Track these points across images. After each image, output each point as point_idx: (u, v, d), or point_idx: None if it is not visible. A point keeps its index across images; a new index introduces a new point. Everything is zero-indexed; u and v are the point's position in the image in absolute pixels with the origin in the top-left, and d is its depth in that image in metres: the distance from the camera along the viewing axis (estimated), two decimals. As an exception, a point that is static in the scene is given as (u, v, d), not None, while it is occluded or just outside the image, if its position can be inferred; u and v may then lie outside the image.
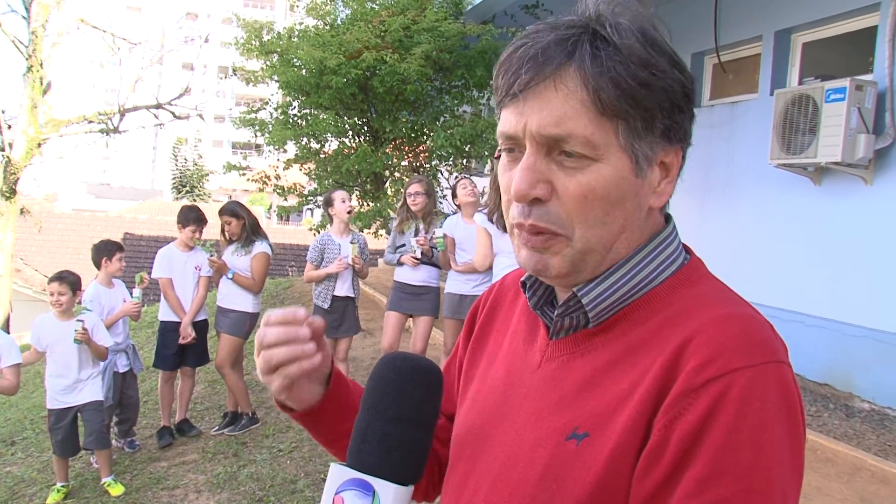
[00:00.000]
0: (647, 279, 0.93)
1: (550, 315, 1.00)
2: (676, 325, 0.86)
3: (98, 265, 5.67)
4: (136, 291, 5.74)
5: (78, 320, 5.04)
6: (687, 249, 1.00)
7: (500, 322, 1.15)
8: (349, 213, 6.03)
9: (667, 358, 0.83)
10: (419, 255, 5.84)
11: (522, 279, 1.05)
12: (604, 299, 0.92)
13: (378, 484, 0.83)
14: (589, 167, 0.87)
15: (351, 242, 5.91)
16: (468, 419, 1.06)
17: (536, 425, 0.93)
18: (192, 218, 5.97)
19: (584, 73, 0.85)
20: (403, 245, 6.01)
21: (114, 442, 5.70)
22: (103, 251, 5.67)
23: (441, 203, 9.61)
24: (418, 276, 5.92)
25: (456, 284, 5.79)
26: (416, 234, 5.92)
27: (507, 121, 0.91)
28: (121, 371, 5.64)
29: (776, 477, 0.77)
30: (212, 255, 5.83)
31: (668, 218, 0.99)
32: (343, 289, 5.93)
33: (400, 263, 5.97)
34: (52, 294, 5.09)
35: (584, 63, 0.85)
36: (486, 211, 5.31)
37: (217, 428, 5.92)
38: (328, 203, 6.06)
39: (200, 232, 6.03)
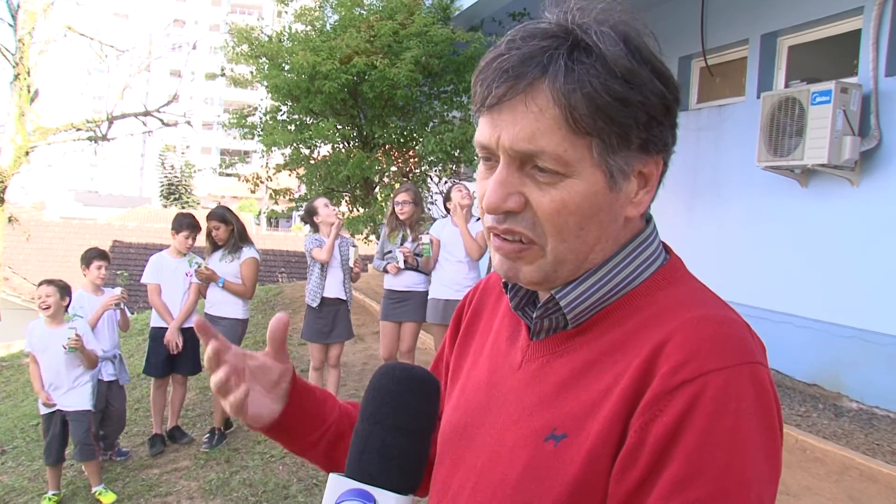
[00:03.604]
0: (625, 281, 0.93)
1: (532, 316, 1.00)
2: (653, 326, 0.86)
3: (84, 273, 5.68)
4: (117, 290, 5.72)
5: (70, 328, 5.02)
6: (667, 249, 1.00)
7: (484, 321, 1.15)
8: (338, 217, 6.03)
9: (643, 360, 0.83)
10: (401, 265, 5.94)
11: (504, 280, 1.04)
12: (581, 301, 0.93)
13: (379, 494, 0.82)
14: (561, 182, 0.87)
15: (341, 246, 5.94)
16: (453, 418, 1.07)
17: (516, 426, 0.93)
18: (185, 224, 5.94)
19: (556, 90, 0.83)
20: (391, 251, 6.06)
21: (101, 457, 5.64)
22: (82, 260, 5.68)
23: (430, 209, 9.63)
24: (403, 281, 6.05)
25: (439, 289, 5.83)
26: (402, 242, 5.99)
27: (482, 131, 0.91)
28: (106, 379, 5.57)
29: (751, 478, 0.77)
30: (198, 267, 5.80)
31: (647, 219, 0.99)
32: (333, 290, 5.92)
33: (386, 271, 6.05)
34: (39, 297, 5.09)
35: (557, 79, 0.83)
36: (477, 220, 5.37)
37: (205, 445, 5.86)
38: (312, 213, 6.04)
39: (194, 238, 6.00)
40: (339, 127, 9.56)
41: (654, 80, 0.87)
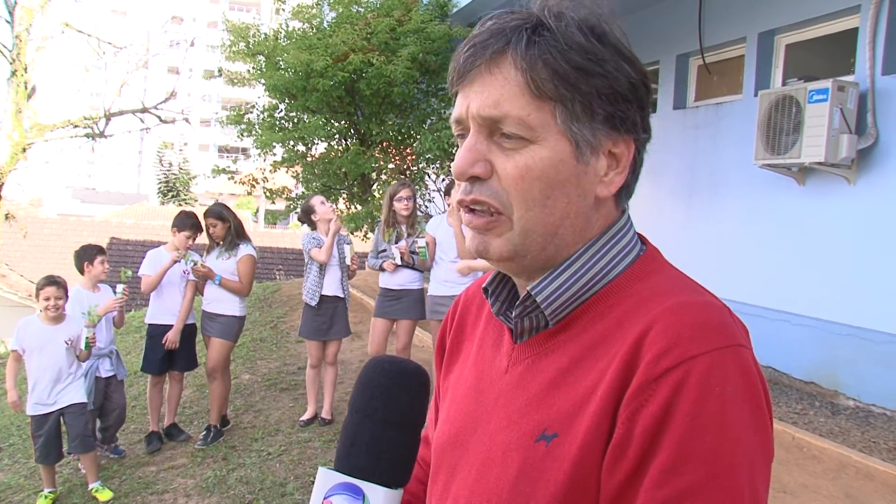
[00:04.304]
0: (601, 273, 0.93)
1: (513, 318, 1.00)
2: (634, 317, 0.86)
3: (81, 271, 5.63)
4: (119, 288, 5.69)
5: (87, 326, 5.12)
6: (643, 239, 1.00)
7: (468, 332, 1.15)
8: (335, 213, 6.04)
9: (626, 351, 0.83)
10: (399, 262, 5.92)
11: (484, 286, 1.05)
12: (559, 295, 0.93)
13: (368, 488, 0.82)
14: (526, 148, 0.89)
15: (338, 244, 5.95)
16: (444, 430, 1.06)
17: (507, 430, 0.93)
18: (188, 224, 5.92)
19: (518, 57, 0.88)
20: (385, 250, 6.04)
21: (98, 452, 5.64)
22: (84, 256, 5.62)
23: (427, 207, 9.63)
24: (398, 279, 6.02)
25: (436, 286, 5.83)
26: (398, 240, 5.98)
27: (456, 107, 0.95)
28: (103, 376, 5.58)
29: (741, 460, 0.77)
30: (195, 264, 5.79)
31: (622, 210, 1.00)
32: (332, 287, 5.94)
33: (382, 269, 6.02)
34: (48, 299, 5.05)
35: (520, 47, 0.88)
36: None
37: (200, 442, 5.86)
38: (308, 212, 6.04)
39: (195, 239, 5.99)
40: (334, 123, 9.54)
41: (616, 58, 0.90)
